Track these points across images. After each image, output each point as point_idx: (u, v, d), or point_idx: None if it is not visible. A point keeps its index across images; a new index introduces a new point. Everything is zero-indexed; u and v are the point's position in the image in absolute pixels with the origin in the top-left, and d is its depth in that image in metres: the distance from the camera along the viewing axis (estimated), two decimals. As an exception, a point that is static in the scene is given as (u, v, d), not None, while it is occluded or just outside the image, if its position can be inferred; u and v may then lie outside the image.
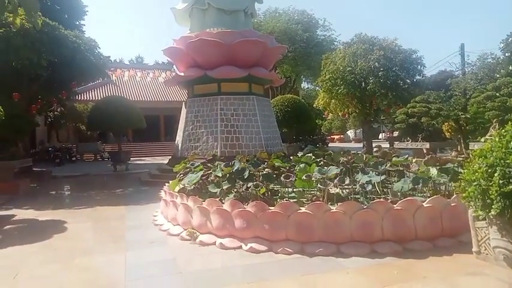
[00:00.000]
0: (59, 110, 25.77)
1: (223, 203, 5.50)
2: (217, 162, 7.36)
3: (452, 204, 5.04)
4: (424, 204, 4.94)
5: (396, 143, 19.24)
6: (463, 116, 16.37)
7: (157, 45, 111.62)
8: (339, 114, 24.34)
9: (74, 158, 25.71)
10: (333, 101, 22.30)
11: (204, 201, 5.74)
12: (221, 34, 13.15)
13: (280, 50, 16.07)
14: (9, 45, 12.68)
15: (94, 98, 31.12)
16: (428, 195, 5.47)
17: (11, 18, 11.14)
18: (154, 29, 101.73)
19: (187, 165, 7.42)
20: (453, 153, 7.43)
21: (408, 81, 20.05)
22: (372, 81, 19.50)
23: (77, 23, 22.26)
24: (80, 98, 30.23)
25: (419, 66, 20.73)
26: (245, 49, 13.17)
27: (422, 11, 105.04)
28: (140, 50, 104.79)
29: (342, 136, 53.62)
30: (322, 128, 43.21)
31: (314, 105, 26.10)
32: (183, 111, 14.49)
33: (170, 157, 15.34)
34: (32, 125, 15.65)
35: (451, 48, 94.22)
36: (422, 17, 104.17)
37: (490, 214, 3.94)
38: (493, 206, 3.84)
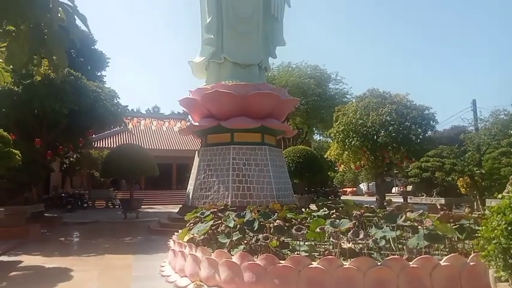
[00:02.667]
0: (74, 156, 26.28)
1: (233, 255, 5.37)
2: (227, 212, 7.29)
3: (471, 264, 4.82)
4: (441, 262, 4.75)
5: (410, 197, 18.87)
6: (478, 171, 16.10)
7: (174, 95, 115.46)
8: (352, 166, 24.19)
9: (85, 205, 25.74)
10: (345, 152, 22.29)
11: (212, 252, 5.63)
12: (236, 86, 13.57)
13: (292, 103, 16.43)
14: (34, 95, 13.29)
15: (110, 146, 31.75)
16: (445, 253, 5.26)
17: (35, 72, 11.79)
18: (171, 80, 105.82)
19: (198, 215, 7.36)
20: (466, 210, 7.24)
21: (420, 136, 20.03)
22: (383, 134, 19.57)
23: (99, 73, 23.36)
24: (96, 145, 30.88)
25: (431, 122, 20.80)
26: (258, 101, 13.51)
27: (433, 66, 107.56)
28: (157, 100, 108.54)
29: (354, 189, 52.89)
30: (334, 180, 42.84)
31: (326, 157, 26.06)
32: (196, 160, 14.62)
33: (181, 206, 15.26)
34: (47, 171, 15.92)
35: (462, 103, 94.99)
36: (433, 71, 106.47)
37: (512, 275, 3.75)
38: (514, 267, 3.66)
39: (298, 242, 5.79)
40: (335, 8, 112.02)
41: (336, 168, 34.10)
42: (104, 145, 32.77)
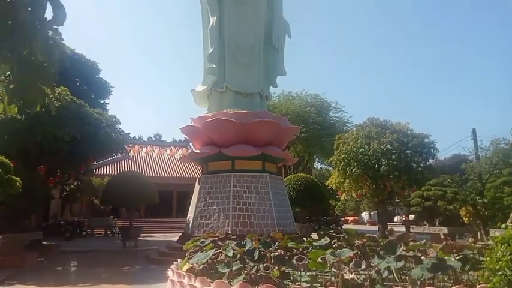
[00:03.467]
0: (75, 183, 26.21)
1: (232, 285, 5.26)
2: (228, 241, 7.20)
3: (476, 296, 4.71)
4: (445, 294, 4.64)
5: (412, 227, 18.65)
6: (481, 200, 16.00)
7: (176, 123, 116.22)
8: (353, 195, 24.04)
9: (84, 233, 25.44)
10: (346, 181, 22.23)
11: (212, 282, 5.51)
12: (237, 114, 13.71)
13: (293, 131, 16.54)
14: (36, 122, 13.42)
15: (111, 173, 31.69)
16: (450, 284, 5.15)
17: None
18: (173, 108, 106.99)
19: (198, 244, 7.26)
20: (470, 240, 7.16)
21: (422, 164, 20.04)
22: (384, 163, 19.57)
23: (102, 101, 23.68)
24: (97, 172, 30.84)
25: (432, 150, 20.85)
26: (259, 129, 13.61)
27: (433, 95, 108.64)
28: (159, 127, 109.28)
29: (356, 218, 52.28)
30: (335, 209, 42.46)
31: (327, 185, 25.95)
32: (197, 187, 14.57)
33: (181, 234, 15.08)
34: (48, 198, 15.85)
35: (462, 132, 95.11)
36: (432, 100, 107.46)
37: (518, 308, 3.66)
38: (521, 299, 3.58)
39: (299, 272, 5.68)
40: (334, 37, 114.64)
41: (337, 197, 33.88)
42: (105, 172, 32.70)
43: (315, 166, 43.77)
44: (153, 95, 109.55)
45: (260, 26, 15.53)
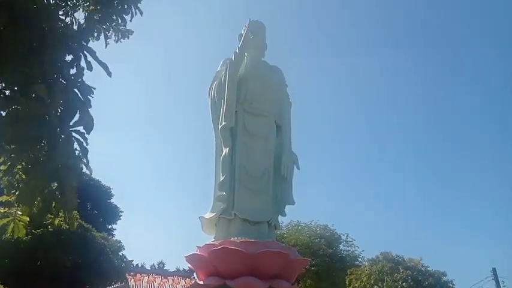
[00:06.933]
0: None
1: None
2: None
3: None
4: None
5: None
6: None
7: (180, 251, 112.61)
8: None
9: None
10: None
11: None
12: (244, 244, 13.38)
13: (302, 263, 15.87)
14: (40, 244, 13.26)
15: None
16: None
17: (50, 220, 12.06)
18: (179, 235, 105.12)
19: None
20: None
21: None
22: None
23: (110, 226, 23.66)
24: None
25: (452, 291, 19.59)
26: (267, 259, 13.11)
27: (446, 229, 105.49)
28: (163, 255, 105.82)
29: None
30: None
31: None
32: (197, 324, 13.40)
33: None
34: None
35: (481, 269, 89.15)
36: (446, 234, 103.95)
37: None
38: None
39: None
40: (341, 166, 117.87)
41: None
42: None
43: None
44: (160, 221, 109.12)
45: (270, 157, 16.27)
